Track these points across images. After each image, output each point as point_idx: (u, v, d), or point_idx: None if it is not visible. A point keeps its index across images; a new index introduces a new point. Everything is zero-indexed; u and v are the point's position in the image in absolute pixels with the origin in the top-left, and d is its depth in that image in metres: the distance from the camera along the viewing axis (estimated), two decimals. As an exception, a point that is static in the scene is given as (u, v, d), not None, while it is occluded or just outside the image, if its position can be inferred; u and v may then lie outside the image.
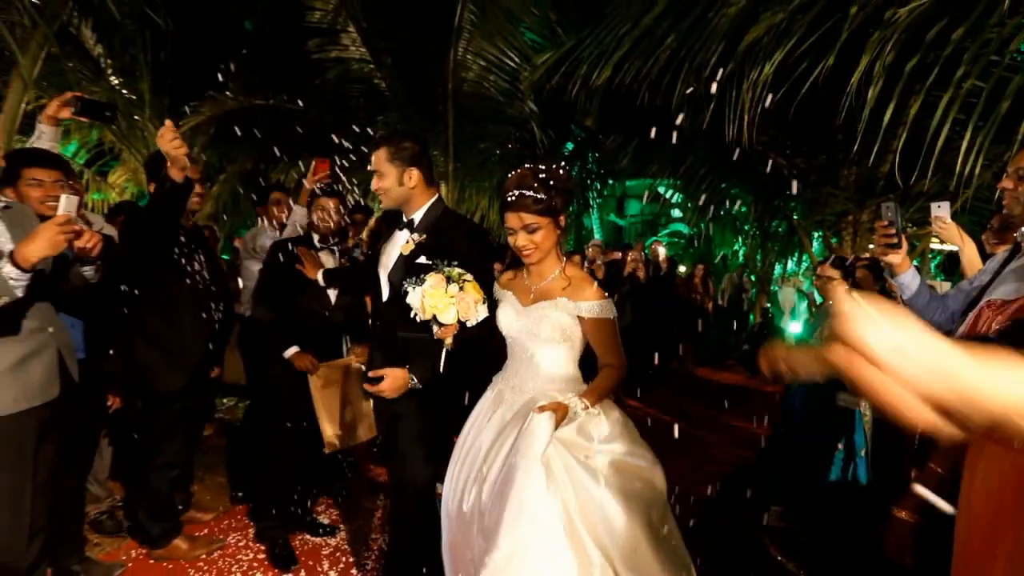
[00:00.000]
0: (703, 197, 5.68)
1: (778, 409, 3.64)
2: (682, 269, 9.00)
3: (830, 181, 5.37)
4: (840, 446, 2.97)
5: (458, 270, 1.77)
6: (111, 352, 2.37)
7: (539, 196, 1.69)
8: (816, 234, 6.32)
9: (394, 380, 1.85)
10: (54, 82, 4.19)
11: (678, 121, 3.38)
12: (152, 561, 2.54)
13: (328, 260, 2.66)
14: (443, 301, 1.73)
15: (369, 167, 1.94)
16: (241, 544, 2.72)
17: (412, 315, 1.77)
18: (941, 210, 2.12)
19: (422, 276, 1.77)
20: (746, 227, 8.16)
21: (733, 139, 2.90)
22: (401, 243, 1.97)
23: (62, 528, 2.18)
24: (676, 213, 12.62)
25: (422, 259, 1.86)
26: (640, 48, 3.07)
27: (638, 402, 5.37)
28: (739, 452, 4.36)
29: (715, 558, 1.65)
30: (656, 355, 5.67)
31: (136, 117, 5.85)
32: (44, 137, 2.25)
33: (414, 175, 1.91)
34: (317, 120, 6.32)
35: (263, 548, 2.66)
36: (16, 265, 1.67)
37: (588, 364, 1.83)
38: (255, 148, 6.70)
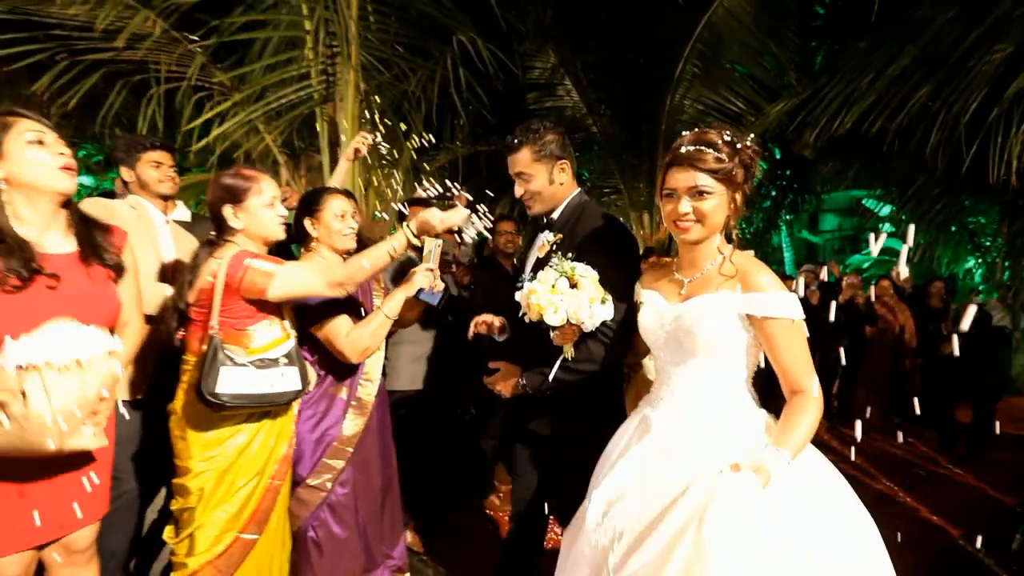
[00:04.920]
0: (939, 217, 5.30)
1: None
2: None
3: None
4: None
5: (573, 264, 1.51)
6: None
7: (721, 156, 1.28)
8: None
9: (504, 375, 1.70)
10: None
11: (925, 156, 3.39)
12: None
13: None
14: (547, 298, 1.48)
15: (511, 172, 1.75)
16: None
17: (520, 315, 1.57)
18: None
19: (535, 273, 1.58)
20: (987, 242, 7.25)
21: (998, 183, 2.91)
22: (539, 246, 1.78)
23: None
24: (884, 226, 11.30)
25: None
26: (887, 98, 3.23)
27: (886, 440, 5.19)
28: (1000, 496, 4.03)
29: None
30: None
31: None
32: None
33: (566, 166, 1.72)
34: (532, 161, 7.36)
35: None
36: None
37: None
38: (479, 186, 8.05)
